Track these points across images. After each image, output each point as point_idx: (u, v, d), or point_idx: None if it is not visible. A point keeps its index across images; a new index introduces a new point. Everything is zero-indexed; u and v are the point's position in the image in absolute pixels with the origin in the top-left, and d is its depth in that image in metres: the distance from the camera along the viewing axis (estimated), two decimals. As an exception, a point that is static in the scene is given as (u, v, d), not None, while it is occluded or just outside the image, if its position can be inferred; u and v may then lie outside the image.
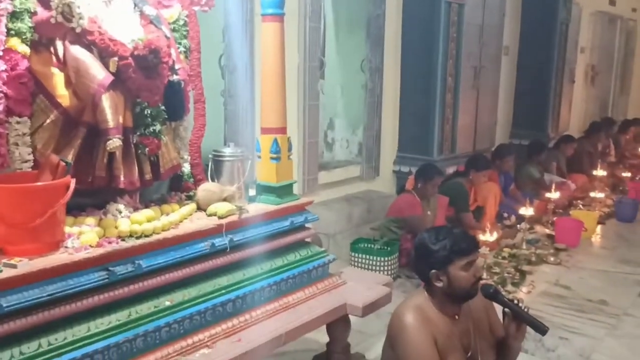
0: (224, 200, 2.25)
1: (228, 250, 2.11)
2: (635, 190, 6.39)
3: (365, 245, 4.21)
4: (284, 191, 2.41)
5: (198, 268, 2.03)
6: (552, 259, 4.61)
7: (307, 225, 2.51)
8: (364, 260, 4.11)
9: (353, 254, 4.17)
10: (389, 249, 4.14)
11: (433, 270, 2.12)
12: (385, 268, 4.04)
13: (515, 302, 2.19)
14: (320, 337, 2.68)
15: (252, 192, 2.49)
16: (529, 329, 2.13)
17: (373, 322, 3.20)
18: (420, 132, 5.44)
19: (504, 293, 2.34)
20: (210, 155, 2.38)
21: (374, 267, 4.05)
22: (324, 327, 2.56)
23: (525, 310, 2.17)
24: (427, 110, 5.38)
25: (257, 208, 2.33)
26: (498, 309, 2.24)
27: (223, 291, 2.09)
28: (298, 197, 2.49)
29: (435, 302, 2.18)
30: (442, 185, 4.73)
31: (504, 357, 2.31)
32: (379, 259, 4.07)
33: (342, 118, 5.36)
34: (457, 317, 2.21)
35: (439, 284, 2.13)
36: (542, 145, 6.45)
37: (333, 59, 5.19)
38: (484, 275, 4.03)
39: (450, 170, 5.37)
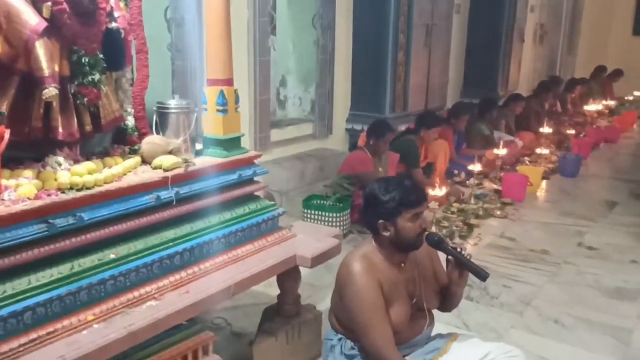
0: (170, 153, 2.20)
1: (174, 203, 2.08)
2: (578, 147, 6.62)
3: (318, 201, 4.24)
4: (231, 144, 2.38)
5: (144, 221, 2.00)
6: (498, 212, 4.77)
7: (256, 178, 2.50)
8: (316, 217, 4.14)
9: (305, 210, 4.20)
10: (341, 205, 4.19)
11: (381, 220, 2.16)
12: (338, 224, 4.08)
13: (458, 250, 2.26)
14: (272, 290, 2.71)
15: (199, 146, 2.46)
16: (471, 276, 2.20)
17: (324, 275, 3.26)
18: (373, 89, 5.46)
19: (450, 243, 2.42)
20: (154, 108, 2.32)
21: (326, 223, 4.09)
22: (276, 282, 2.59)
23: (468, 257, 2.25)
24: (379, 67, 5.40)
25: (203, 161, 2.30)
26: (442, 257, 2.31)
27: (170, 244, 2.07)
28: (246, 150, 2.46)
29: (382, 251, 2.23)
30: (393, 142, 4.78)
31: (447, 303, 2.39)
32: (331, 214, 4.11)
33: (294, 75, 5.32)
34: (403, 265, 2.27)
35: (387, 234, 2.17)
36: (494, 102, 6.57)
37: (284, 15, 5.12)
38: (433, 229, 4.13)
39: (403, 127, 5.43)
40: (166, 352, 2.01)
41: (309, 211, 4.18)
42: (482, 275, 2.17)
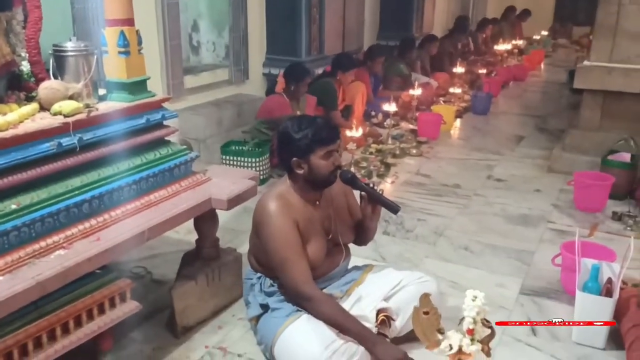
0: (70, 98, 2.10)
1: (78, 149, 2.01)
2: (489, 85, 6.87)
3: (236, 147, 4.21)
4: (136, 88, 2.30)
5: (46, 169, 1.91)
6: (414, 151, 4.91)
7: (165, 123, 2.43)
8: (235, 162, 4.12)
9: (224, 156, 4.16)
10: (259, 149, 4.17)
11: (295, 158, 2.19)
12: (257, 169, 4.08)
13: (371, 185, 2.34)
14: (192, 237, 2.70)
15: (102, 91, 2.36)
16: (388, 212, 2.28)
17: (245, 220, 3.27)
18: (288, 33, 5.39)
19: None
20: (50, 51, 2.19)
21: (245, 169, 4.07)
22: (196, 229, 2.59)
23: (380, 192, 2.33)
24: (294, 10, 5.31)
25: (107, 106, 2.21)
26: (357, 195, 2.38)
27: (77, 192, 2.00)
28: (153, 94, 2.38)
29: (297, 189, 2.27)
30: (311, 85, 4.78)
31: (362, 237, 2.49)
32: (250, 160, 4.09)
33: (207, 19, 5.15)
34: (318, 202, 2.32)
35: (301, 172, 2.21)
36: (414, 42, 6.67)
37: (192, -46, 4.90)
38: (352, 170, 4.22)
39: (319, 71, 5.42)
40: (80, 301, 1.98)
41: (228, 157, 4.14)
42: (393, 208, 2.27)
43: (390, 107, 4.99)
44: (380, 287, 2.33)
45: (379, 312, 2.24)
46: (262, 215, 2.22)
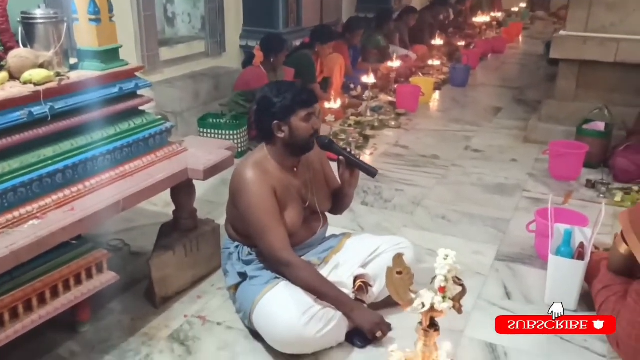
0: (41, 67, 2.06)
1: (50, 119, 1.97)
2: (467, 58, 6.88)
3: (214, 120, 4.17)
4: (108, 56, 2.25)
5: (17, 139, 1.88)
6: (393, 123, 4.92)
7: (140, 92, 2.40)
8: (213, 135, 4.09)
9: (201, 129, 4.13)
10: (237, 122, 4.15)
11: (275, 121, 2.19)
12: (235, 141, 4.06)
13: (348, 150, 2.35)
14: (170, 210, 2.69)
15: (74, 60, 2.32)
16: (367, 183, 2.29)
17: (223, 192, 3.24)
18: (265, 4, 5.33)
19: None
20: (18, 19, 2.13)
21: (223, 141, 4.05)
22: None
23: (357, 157, 2.34)
24: (270, -20, 5.24)
25: (79, 75, 2.16)
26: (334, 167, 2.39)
27: (49, 162, 1.97)
28: (126, 62, 2.34)
29: (275, 156, 2.27)
30: (289, 57, 4.75)
31: (339, 204, 2.50)
32: (228, 132, 4.07)
33: (181, -10, 5.06)
34: (295, 169, 2.33)
35: (281, 135, 2.21)
36: (391, 13, 6.63)
37: None
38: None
39: (297, 43, 5.37)
40: (56, 271, 1.97)
41: (205, 130, 4.11)
42: (371, 172, 2.28)
43: (369, 79, 4.97)
44: (358, 253, 2.36)
45: (356, 278, 2.27)
46: (239, 182, 2.22)
